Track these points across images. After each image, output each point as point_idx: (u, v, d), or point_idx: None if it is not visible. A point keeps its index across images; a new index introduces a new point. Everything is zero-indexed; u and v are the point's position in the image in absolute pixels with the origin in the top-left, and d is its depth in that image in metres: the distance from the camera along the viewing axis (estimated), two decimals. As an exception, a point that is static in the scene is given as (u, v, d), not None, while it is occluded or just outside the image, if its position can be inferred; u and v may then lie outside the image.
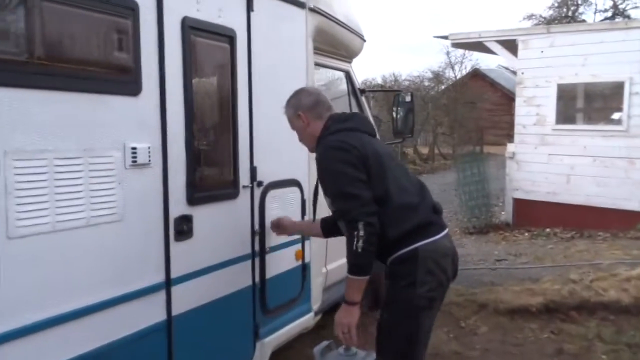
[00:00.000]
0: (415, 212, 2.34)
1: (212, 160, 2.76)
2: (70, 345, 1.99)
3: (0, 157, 1.74)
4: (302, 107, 2.58)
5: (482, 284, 5.57)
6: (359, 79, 4.83)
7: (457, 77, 25.18)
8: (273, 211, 3.09)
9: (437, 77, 24.90)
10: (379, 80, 24.58)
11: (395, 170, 2.42)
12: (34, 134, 1.84)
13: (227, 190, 2.76)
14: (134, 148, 2.19)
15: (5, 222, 1.76)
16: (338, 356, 2.71)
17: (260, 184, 2.98)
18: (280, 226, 3.00)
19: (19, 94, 1.78)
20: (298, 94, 2.64)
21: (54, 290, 1.92)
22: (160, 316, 2.38)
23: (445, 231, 2.44)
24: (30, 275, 1.84)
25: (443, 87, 24.74)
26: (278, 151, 3.09)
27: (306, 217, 3.39)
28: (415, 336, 2.34)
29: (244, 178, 2.85)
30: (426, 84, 24.27)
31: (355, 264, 2.27)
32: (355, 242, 2.20)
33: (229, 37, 2.71)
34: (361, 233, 2.19)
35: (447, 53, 24.31)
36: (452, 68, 25.59)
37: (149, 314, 2.32)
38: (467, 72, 25.87)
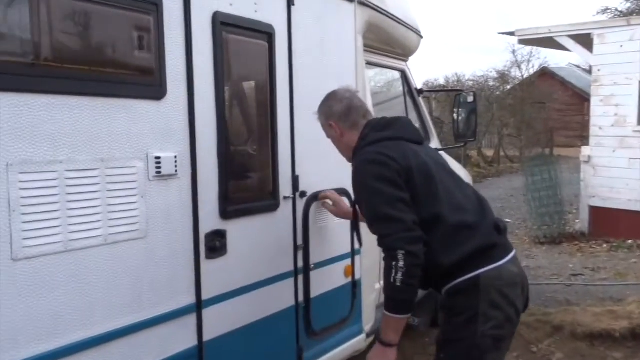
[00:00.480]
0: (473, 233, 1.99)
1: (248, 169, 2.52)
2: (86, 377, 1.80)
3: (2, 171, 1.56)
4: (334, 115, 2.28)
5: (556, 302, 5.06)
6: (420, 80, 4.48)
7: (524, 77, 24.00)
8: (319, 224, 2.82)
9: (503, 76, 23.83)
10: (442, 81, 23.85)
11: (448, 183, 2.08)
12: (42, 143, 1.65)
13: (265, 202, 2.51)
14: (157, 157, 1.98)
15: (9, 242, 1.58)
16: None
17: (303, 194, 2.71)
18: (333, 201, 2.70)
19: (23, 99, 1.60)
20: (328, 100, 2.33)
21: (66, 316, 1.73)
22: (190, 342, 2.16)
23: (512, 254, 2.06)
24: (38, 300, 1.66)
25: (509, 87, 23.66)
26: (323, 158, 2.81)
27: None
28: None
29: (285, 188, 2.60)
30: (491, 84, 23.29)
31: (393, 300, 1.93)
32: (393, 275, 1.86)
33: (267, 34, 2.47)
34: (400, 264, 1.85)
35: (513, 51, 23.23)
36: (519, 67, 24.43)
37: (177, 340, 2.10)
38: (535, 71, 24.62)
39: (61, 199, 1.70)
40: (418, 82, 4.46)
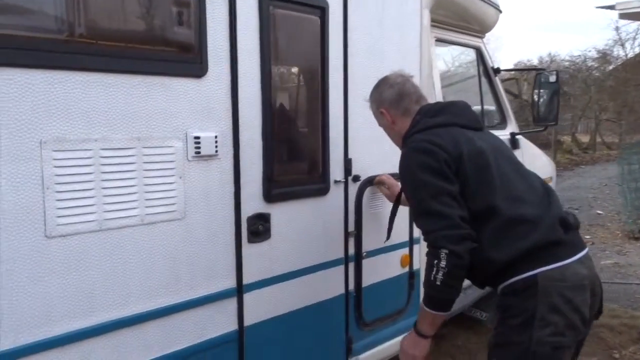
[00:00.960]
0: (533, 228, 1.77)
1: (295, 152, 2.42)
2: (121, 357, 1.80)
3: (36, 148, 1.56)
4: (384, 102, 2.12)
5: (645, 304, 4.60)
6: (512, 60, 4.15)
7: (628, 56, 22.03)
8: (373, 210, 2.68)
9: (604, 56, 22.00)
10: (535, 62, 22.49)
11: (507, 171, 1.88)
12: (76, 121, 1.64)
13: (314, 185, 2.41)
14: (197, 137, 1.93)
15: (42, 219, 1.59)
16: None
17: (356, 178, 2.58)
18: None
19: (57, 76, 1.59)
20: (379, 86, 2.17)
21: (101, 294, 1.73)
22: (229, 326, 2.12)
23: (581, 254, 1.82)
24: (72, 278, 1.67)
25: (611, 67, 21.83)
26: (378, 142, 2.64)
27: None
28: None
29: (337, 172, 2.48)
30: (589, 64, 21.60)
31: (432, 297, 1.80)
32: (434, 273, 1.73)
33: (320, 8, 2.34)
34: (442, 264, 1.71)
35: (617, 28, 21.34)
36: (622, 45, 22.46)
37: (215, 323, 2.07)
38: (642, 50, 22.52)
39: (96, 177, 1.69)
40: (509, 63, 4.15)
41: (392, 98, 2.11)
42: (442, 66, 3.81)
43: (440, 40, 3.56)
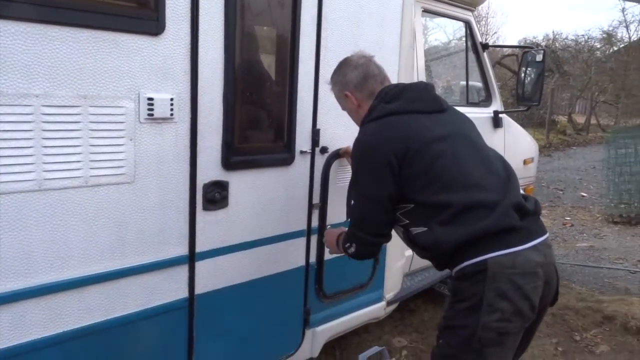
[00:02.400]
0: (487, 214, 1.74)
1: (259, 118, 2.34)
2: (60, 320, 1.76)
3: (-32, 100, 1.48)
4: (349, 84, 2.05)
5: (613, 289, 4.62)
6: (517, 37, 4.03)
7: (632, 39, 21.72)
8: (340, 183, 2.62)
9: (609, 37, 21.65)
10: (540, 39, 22.10)
11: (465, 158, 1.85)
12: (15, 74, 1.55)
13: (278, 154, 2.34)
14: (150, 99, 1.84)
15: (-25, 175, 1.52)
16: (385, 370, 2.24)
17: (324, 150, 2.51)
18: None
19: (-6, 26, 1.50)
20: (341, 68, 2.10)
21: (39, 256, 1.68)
22: (179, 294, 2.09)
23: (537, 241, 1.78)
24: (7, 237, 1.61)
25: (614, 49, 21.53)
26: (350, 113, 2.58)
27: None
28: None
29: (303, 142, 2.41)
30: (592, 44, 21.28)
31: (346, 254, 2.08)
32: (346, 247, 2.04)
33: (293, -32, 2.22)
34: (352, 250, 2.01)
35: (623, 9, 20.96)
36: (627, 27, 22.15)
37: (165, 290, 2.03)
38: (646, 33, 22.20)
39: (36, 135, 1.62)
40: (514, 39, 4.04)
41: (356, 80, 2.04)
42: (433, 39, 3.69)
43: (427, 12, 3.43)
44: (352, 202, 1.98)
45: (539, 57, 3.62)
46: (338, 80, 2.10)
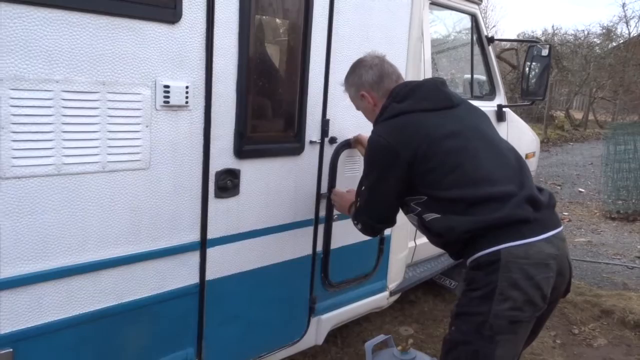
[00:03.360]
0: (501, 205, 1.78)
1: (271, 108, 2.36)
2: (76, 303, 1.79)
3: (-9, 85, 1.50)
4: (365, 84, 2.11)
5: (611, 284, 4.68)
6: (516, 30, 4.05)
7: (632, 35, 21.74)
8: (348, 174, 2.65)
9: (608, 32, 21.65)
10: (539, 33, 22.10)
11: (479, 151, 1.89)
12: (37, 60, 1.57)
13: (288, 144, 2.36)
14: (166, 86, 1.86)
15: (-4, 159, 1.54)
16: (391, 358, 2.28)
17: (333, 140, 2.54)
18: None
19: (16, 11, 1.51)
20: (356, 69, 2.15)
21: (56, 239, 1.71)
22: (191, 279, 2.12)
23: (550, 233, 1.82)
24: (27, 221, 1.63)
25: (613, 44, 21.53)
26: (359, 104, 2.60)
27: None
28: None
29: (312, 132, 2.43)
30: (592, 40, 21.28)
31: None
32: (354, 223, 2.20)
33: (307, -41, 2.23)
34: (358, 227, 2.18)
35: (623, 5, 21.01)
36: (627, 23, 22.14)
37: (177, 276, 2.06)
38: (645, 30, 22.24)
39: (56, 120, 1.63)
40: (513, 33, 4.05)
41: (372, 80, 2.09)
42: (436, 31, 3.71)
43: (435, 4, 3.45)
44: (362, 188, 2.11)
45: (545, 52, 3.64)
46: (354, 82, 2.15)
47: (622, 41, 21.36)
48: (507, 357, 1.81)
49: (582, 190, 9.09)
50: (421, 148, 1.85)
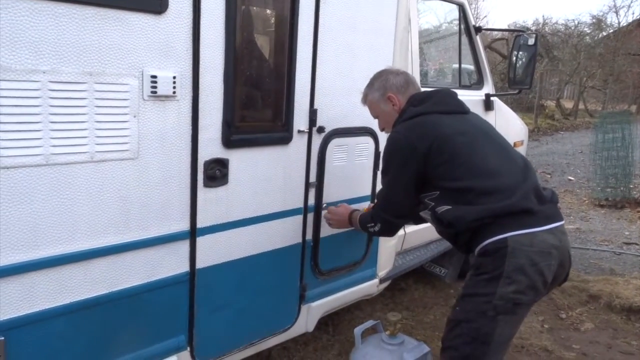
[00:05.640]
0: (507, 196, 1.92)
1: (258, 97, 2.38)
2: (67, 292, 1.81)
3: (-23, 75, 1.51)
4: (392, 87, 2.30)
5: (599, 270, 4.75)
6: (507, 21, 4.07)
7: (621, 24, 21.84)
8: (336, 163, 2.68)
9: (598, 22, 21.73)
10: (530, 24, 22.16)
11: (487, 147, 2.08)
12: (23, 50, 1.58)
13: (276, 133, 2.38)
14: (154, 76, 1.87)
15: (-15, 149, 1.55)
16: (379, 342, 2.32)
17: (321, 129, 2.56)
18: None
19: (3, 2, 1.52)
20: (381, 76, 2.35)
21: (46, 229, 1.72)
22: (181, 268, 2.14)
23: (553, 225, 1.96)
24: (15, 210, 1.65)
25: (603, 34, 21.63)
26: (348, 93, 2.63)
27: (379, 172, 2.94)
28: (485, 341, 1.91)
29: (300, 121, 2.45)
30: (582, 29, 21.37)
31: (365, 231, 2.45)
32: (370, 226, 2.37)
33: (293, -51, 2.24)
34: (376, 228, 2.33)
35: (613, -6, 21.04)
36: (617, 13, 22.27)
37: (167, 264, 2.09)
38: (635, 19, 22.32)
39: (43, 110, 1.65)
40: (504, 23, 4.09)
41: (400, 84, 2.29)
42: (425, 22, 3.73)
43: (422, -7, 3.47)
44: (381, 188, 2.30)
45: (531, 41, 3.67)
46: (381, 85, 2.32)
47: (612, 31, 21.48)
48: (505, 336, 1.94)
49: (572, 178, 9.18)
50: (435, 142, 2.03)
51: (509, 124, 4.31)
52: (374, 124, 2.83)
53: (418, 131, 2.09)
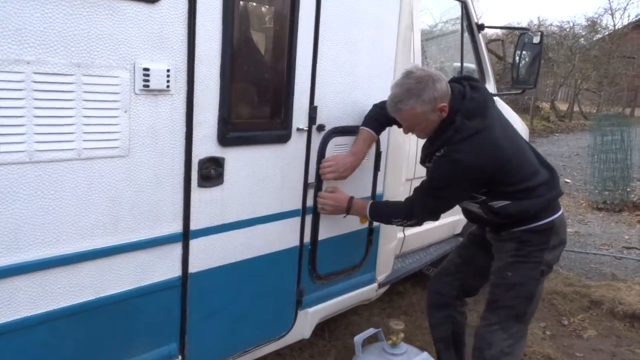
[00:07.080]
0: (550, 187, 2.32)
1: (256, 93, 2.26)
2: (52, 298, 1.70)
3: (-46, 65, 1.39)
4: (442, 96, 2.16)
5: (600, 275, 4.68)
6: (500, 22, 3.99)
7: (616, 27, 21.84)
8: (336, 162, 2.57)
9: (593, 24, 21.72)
10: (525, 24, 22.12)
11: (524, 153, 2.32)
12: (5, 39, 1.46)
13: (274, 131, 2.28)
14: (146, 69, 1.76)
15: (-38, 145, 1.44)
16: (381, 352, 2.22)
17: (321, 128, 2.46)
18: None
19: (-18, -14, 1.40)
20: (427, 85, 2.12)
21: (29, 231, 1.61)
22: (173, 272, 2.03)
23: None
24: (-4, 211, 1.54)
25: (598, 36, 21.63)
26: (349, 90, 2.52)
27: (380, 172, 2.84)
28: (534, 297, 2.37)
29: (300, 119, 2.35)
30: (577, 31, 21.35)
31: (380, 220, 2.59)
32: (395, 220, 2.46)
33: (294, -62, 2.13)
34: (400, 224, 2.51)
35: (609, -5, 21.03)
36: (612, 15, 22.28)
37: (159, 269, 1.98)
38: (630, 22, 22.34)
39: (27, 104, 1.53)
40: (499, 23, 3.99)
41: (445, 90, 2.18)
42: (427, 19, 3.63)
43: (425, -11, 3.37)
44: (423, 196, 2.33)
45: (536, 39, 3.58)
46: (431, 96, 2.13)
47: (607, 33, 21.49)
48: (540, 293, 2.45)
49: (569, 181, 9.12)
50: (498, 163, 2.17)
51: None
52: (375, 123, 2.73)
53: (484, 154, 2.14)
